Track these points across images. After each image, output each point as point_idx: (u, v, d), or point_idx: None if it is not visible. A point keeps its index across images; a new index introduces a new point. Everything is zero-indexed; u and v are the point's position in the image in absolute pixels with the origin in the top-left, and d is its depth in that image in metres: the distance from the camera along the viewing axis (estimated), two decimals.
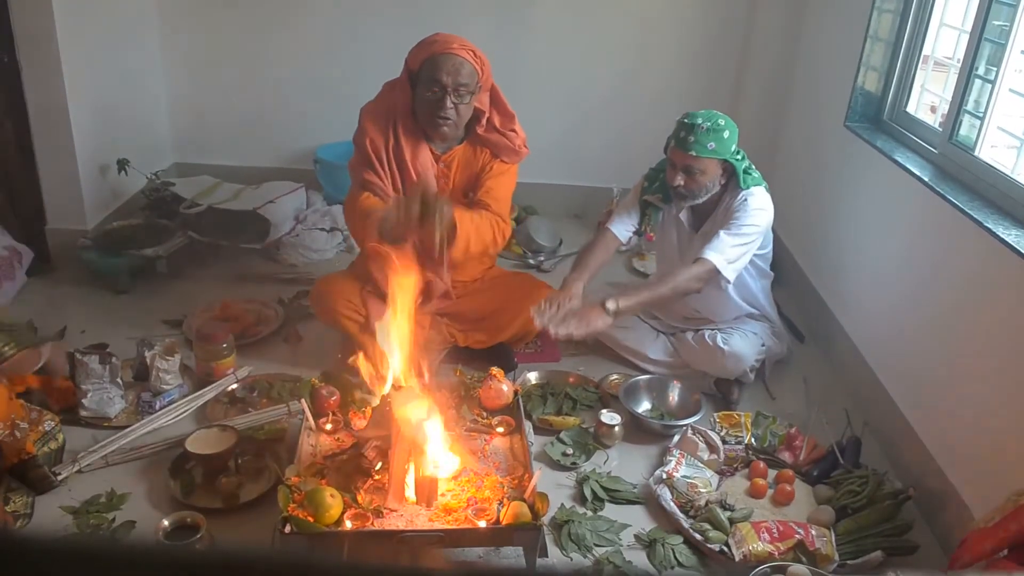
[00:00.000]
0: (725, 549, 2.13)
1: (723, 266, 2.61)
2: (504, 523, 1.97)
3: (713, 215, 2.77)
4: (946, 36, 2.90)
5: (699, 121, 2.58)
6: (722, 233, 2.64)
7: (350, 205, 2.74)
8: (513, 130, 2.79)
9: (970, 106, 2.57)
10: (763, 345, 2.85)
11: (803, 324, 3.33)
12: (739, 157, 2.66)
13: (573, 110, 4.17)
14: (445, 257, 2.63)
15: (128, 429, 2.44)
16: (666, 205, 2.84)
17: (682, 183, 2.66)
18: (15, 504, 2.09)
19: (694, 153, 2.59)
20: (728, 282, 2.68)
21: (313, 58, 4.06)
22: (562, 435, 2.55)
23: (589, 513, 2.26)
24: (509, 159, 2.80)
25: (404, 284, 2.21)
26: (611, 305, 2.58)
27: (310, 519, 1.92)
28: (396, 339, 2.21)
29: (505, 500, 2.05)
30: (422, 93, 2.62)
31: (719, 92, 4.03)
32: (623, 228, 2.89)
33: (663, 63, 4.09)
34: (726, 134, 2.59)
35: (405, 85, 2.69)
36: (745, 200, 2.65)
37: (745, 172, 2.66)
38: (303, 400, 2.39)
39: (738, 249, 2.64)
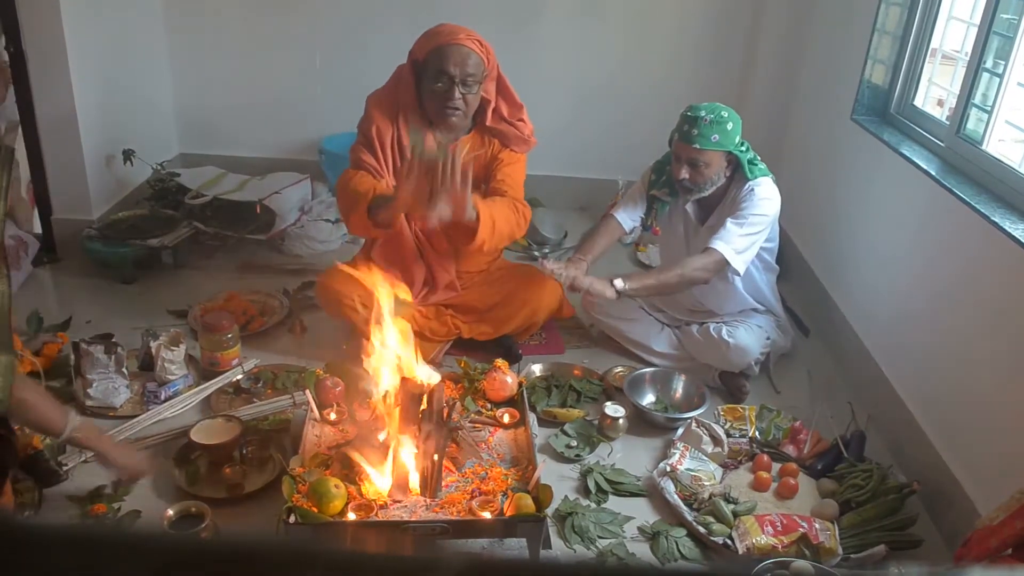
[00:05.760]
0: (728, 542, 2.14)
1: (732, 256, 2.61)
2: (508, 515, 1.98)
3: (719, 207, 2.76)
4: (954, 29, 2.88)
5: (702, 114, 2.58)
6: (729, 223, 2.63)
7: (342, 181, 2.72)
8: (522, 120, 2.80)
9: (978, 100, 2.56)
10: (768, 338, 2.85)
11: (808, 318, 3.32)
12: (743, 149, 2.66)
13: (578, 102, 4.16)
14: (467, 200, 2.46)
15: (133, 419, 2.45)
16: (672, 199, 2.84)
17: (687, 176, 2.66)
18: (23, 496, 2.10)
19: (698, 146, 2.59)
20: (737, 273, 2.68)
21: (318, 49, 4.05)
22: (566, 427, 2.55)
23: (593, 505, 2.27)
24: (519, 148, 2.82)
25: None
26: (619, 283, 2.62)
27: (314, 509, 1.93)
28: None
29: (509, 492, 2.05)
30: (430, 84, 2.62)
31: (725, 84, 4.01)
32: (628, 216, 2.90)
33: (669, 56, 4.07)
34: (729, 126, 2.59)
35: (409, 76, 2.69)
36: (752, 190, 2.65)
37: (750, 163, 2.66)
38: (308, 391, 2.39)
39: (746, 239, 2.64)
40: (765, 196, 2.65)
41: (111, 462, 2.06)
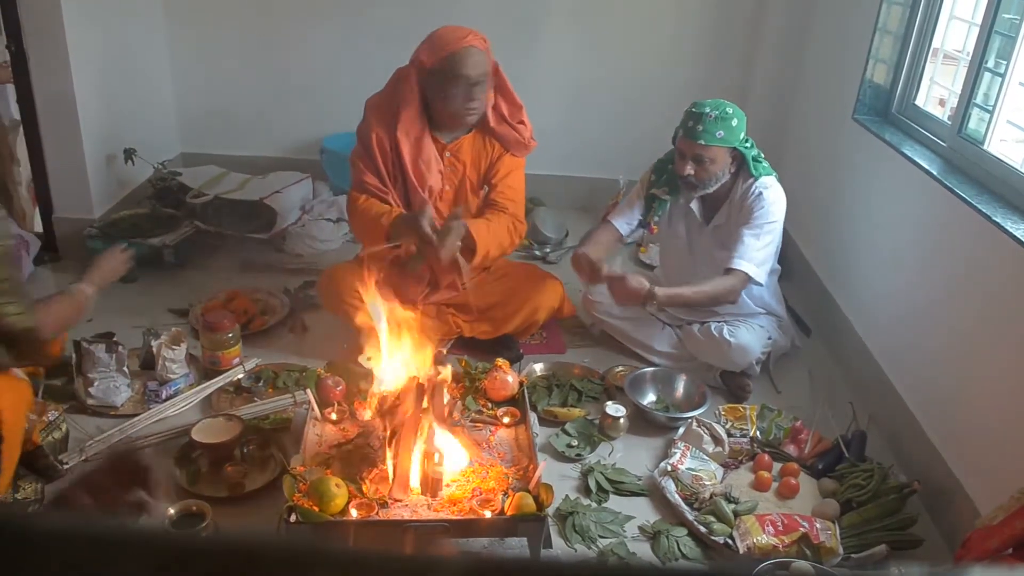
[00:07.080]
0: (729, 542, 2.14)
1: (754, 272, 2.64)
2: (509, 514, 1.98)
3: (726, 205, 2.76)
4: (956, 29, 2.88)
5: (707, 110, 2.58)
6: (746, 237, 2.63)
7: (351, 206, 2.79)
8: (522, 122, 2.80)
9: (979, 99, 2.56)
10: (769, 338, 2.85)
11: (809, 317, 3.32)
12: (748, 145, 2.66)
13: (579, 101, 4.15)
14: (465, 270, 2.74)
15: (135, 418, 2.45)
16: (672, 197, 2.84)
17: (692, 172, 2.66)
18: (25, 491, 2.11)
19: (703, 142, 2.59)
20: (760, 284, 2.69)
21: (320, 48, 4.05)
22: (567, 426, 2.55)
23: (593, 504, 2.27)
24: (519, 152, 2.83)
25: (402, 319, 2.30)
26: (659, 291, 2.57)
27: (315, 508, 1.93)
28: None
29: (510, 491, 2.05)
30: (444, 90, 2.62)
31: (727, 83, 4.00)
32: (624, 221, 2.89)
33: (671, 55, 4.07)
34: (734, 122, 2.59)
35: (413, 81, 2.68)
36: (760, 194, 2.65)
37: (755, 160, 2.66)
38: (309, 390, 2.39)
39: (765, 250, 2.67)
40: (775, 199, 2.66)
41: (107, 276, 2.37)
